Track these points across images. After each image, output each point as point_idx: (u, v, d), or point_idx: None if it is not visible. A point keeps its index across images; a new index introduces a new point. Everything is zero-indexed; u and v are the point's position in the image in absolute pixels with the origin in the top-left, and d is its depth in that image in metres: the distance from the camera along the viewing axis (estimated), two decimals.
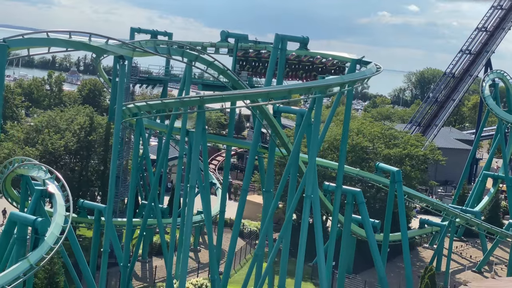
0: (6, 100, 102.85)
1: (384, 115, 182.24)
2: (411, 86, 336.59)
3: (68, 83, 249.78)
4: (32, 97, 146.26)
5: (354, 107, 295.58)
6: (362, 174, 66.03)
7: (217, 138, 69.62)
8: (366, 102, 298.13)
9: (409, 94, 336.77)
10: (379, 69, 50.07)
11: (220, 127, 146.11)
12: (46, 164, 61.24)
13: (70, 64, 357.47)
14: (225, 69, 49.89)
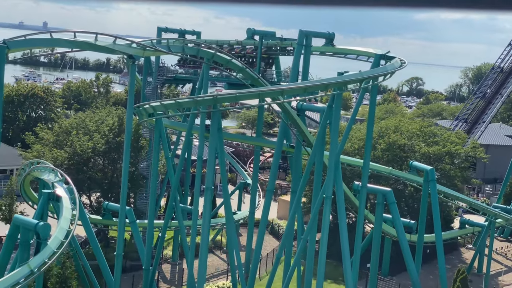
0: (47, 103, 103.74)
1: (435, 111, 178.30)
2: (468, 82, 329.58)
3: (121, 84, 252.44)
4: (80, 99, 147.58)
5: (408, 103, 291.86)
6: (395, 173, 63.99)
7: (242, 138, 68.34)
8: (421, 98, 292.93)
9: (466, 90, 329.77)
10: (403, 64, 48.14)
11: (266, 126, 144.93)
12: (75, 166, 61.39)
13: (123, 65, 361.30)
14: (243, 67, 48.64)
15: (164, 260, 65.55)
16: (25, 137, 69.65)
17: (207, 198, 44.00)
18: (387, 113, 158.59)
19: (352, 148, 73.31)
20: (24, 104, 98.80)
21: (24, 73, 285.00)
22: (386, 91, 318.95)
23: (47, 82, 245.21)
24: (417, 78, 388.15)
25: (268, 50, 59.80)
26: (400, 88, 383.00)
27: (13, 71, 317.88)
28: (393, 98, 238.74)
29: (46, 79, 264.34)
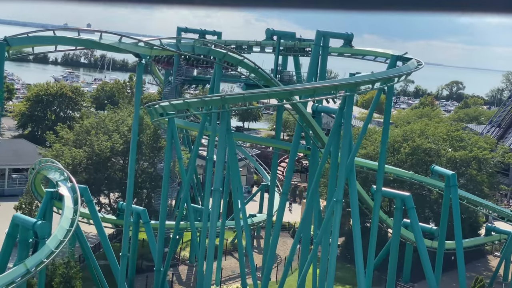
0: (75, 102, 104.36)
1: (471, 116, 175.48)
2: (510, 86, 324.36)
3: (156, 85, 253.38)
4: (113, 99, 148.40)
5: (446, 108, 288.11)
6: (416, 178, 62.67)
7: (257, 139, 67.47)
8: (460, 103, 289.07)
9: (507, 95, 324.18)
10: (420, 66, 46.96)
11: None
12: (93, 165, 61.26)
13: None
14: (256, 67, 47.90)
15: (181, 261, 65.13)
16: (45, 136, 69.93)
17: (215, 200, 43.40)
18: (422, 117, 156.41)
19: (375, 152, 71.94)
20: (53, 104, 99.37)
21: (63, 73, 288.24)
22: (423, 94, 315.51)
23: (84, 82, 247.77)
24: (457, 82, 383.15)
25: (287, 50, 58.94)
26: (440, 92, 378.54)
27: (53, 71, 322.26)
28: (430, 102, 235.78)
29: (84, 79, 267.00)
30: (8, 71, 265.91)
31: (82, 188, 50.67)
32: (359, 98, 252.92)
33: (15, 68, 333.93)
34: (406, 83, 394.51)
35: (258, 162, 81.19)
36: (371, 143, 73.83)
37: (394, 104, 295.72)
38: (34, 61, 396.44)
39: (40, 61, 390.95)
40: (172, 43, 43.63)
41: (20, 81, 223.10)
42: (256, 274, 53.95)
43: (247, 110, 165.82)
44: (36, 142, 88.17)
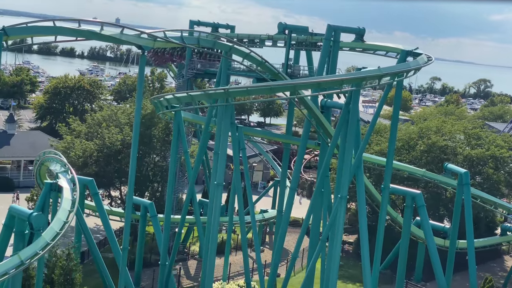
0: (93, 95, 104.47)
1: (496, 114, 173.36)
2: None
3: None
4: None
5: (473, 106, 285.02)
6: (429, 175, 61.64)
7: (265, 134, 66.69)
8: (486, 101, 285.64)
9: None
10: (430, 61, 45.97)
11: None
12: (104, 158, 61.12)
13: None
14: (262, 61, 47.25)
15: (191, 256, 64.84)
16: (58, 128, 70.02)
17: (217, 195, 42.88)
18: (446, 115, 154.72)
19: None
20: (71, 96, 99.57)
21: (89, 67, 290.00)
22: (449, 92, 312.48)
23: (108, 76, 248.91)
24: (485, 80, 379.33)
25: (298, 45, 58.16)
26: (467, 90, 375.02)
27: (79, 65, 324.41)
28: (456, 99, 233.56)
29: (108, 73, 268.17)
30: (34, 64, 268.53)
31: (88, 181, 50.67)
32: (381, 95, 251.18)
33: (41, 61, 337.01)
34: (433, 80, 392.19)
35: (273, 158, 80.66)
36: (386, 139, 72.73)
37: (420, 102, 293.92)
38: (61, 54, 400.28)
39: (67, 54, 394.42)
40: (177, 35, 43.05)
41: (45, 74, 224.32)
42: (262, 270, 53.44)
43: (269, 106, 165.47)
44: (54, 135, 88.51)
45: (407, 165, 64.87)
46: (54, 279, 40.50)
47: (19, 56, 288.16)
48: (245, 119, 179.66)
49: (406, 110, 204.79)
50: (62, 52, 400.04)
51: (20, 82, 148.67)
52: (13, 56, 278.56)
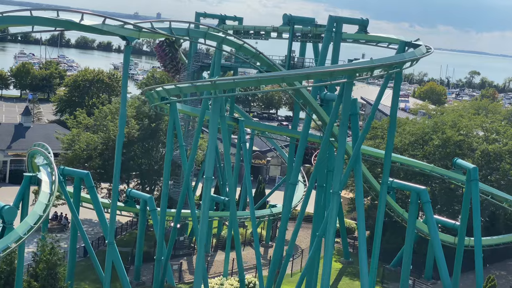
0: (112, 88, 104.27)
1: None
2: None
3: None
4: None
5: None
6: (437, 171, 60.04)
7: (266, 127, 65.36)
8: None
9: None
10: (429, 52, 44.48)
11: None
12: (108, 151, 60.64)
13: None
14: (257, 52, 46.17)
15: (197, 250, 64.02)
16: (66, 121, 69.84)
17: (207, 188, 41.99)
18: (479, 110, 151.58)
19: (402, 143, 69.26)
20: (90, 89, 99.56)
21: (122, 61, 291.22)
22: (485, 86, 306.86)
23: (142, 70, 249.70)
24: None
25: (303, 36, 56.94)
26: (507, 85, 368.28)
27: (116, 59, 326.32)
28: (492, 94, 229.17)
29: (142, 67, 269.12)
30: (69, 58, 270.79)
31: (83, 174, 50.17)
32: (417, 89, 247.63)
33: (77, 55, 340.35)
34: (472, 74, 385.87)
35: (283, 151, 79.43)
36: (398, 134, 71.08)
37: (457, 96, 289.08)
38: (98, 48, 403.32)
39: (104, 48, 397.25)
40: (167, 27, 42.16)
41: (78, 67, 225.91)
42: (261, 266, 52.51)
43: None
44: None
45: (415, 160, 63.21)
46: (38, 273, 39.94)
47: (55, 50, 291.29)
48: (274, 113, 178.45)
49: (439, 104, 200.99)
50: (99, 46, 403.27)
51: (49, 75, 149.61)
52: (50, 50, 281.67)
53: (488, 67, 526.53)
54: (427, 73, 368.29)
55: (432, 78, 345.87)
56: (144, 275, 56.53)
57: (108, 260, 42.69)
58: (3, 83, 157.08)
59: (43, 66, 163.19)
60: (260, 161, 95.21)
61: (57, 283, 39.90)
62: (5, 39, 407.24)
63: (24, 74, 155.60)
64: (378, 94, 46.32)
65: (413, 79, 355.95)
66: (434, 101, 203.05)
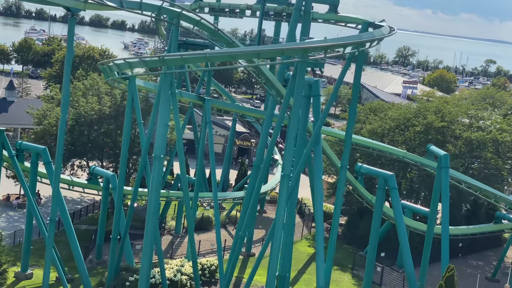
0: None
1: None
2: None
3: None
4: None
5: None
6: (409, 157, 58.73)
7: (233, 107, 63.97)
8: None
9: None
10: (391, 33, 43.03)
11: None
12: (79, 127, 59.71)
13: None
14: (215, 29, 44.84)
15: (167, 231, 63.26)
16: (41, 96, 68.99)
17: (155, 168, 40.88)
18: (485, 98, 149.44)
19: (381, 128, 67.76)
20: (80, 66, 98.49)
21: (133, 40, 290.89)
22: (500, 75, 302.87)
23: (151, 49, 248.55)
24: None
25: (276, 15, 55.58)
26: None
27: (130, 38, 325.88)
28: (503, 83, 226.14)
29: (151, 47, 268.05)
30: (79, 35, 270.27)
31: (40, 149, 49.29)
32: (426, 76, 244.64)
33: (91, 33, 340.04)
34: (488, 63, 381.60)
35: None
36: (380, 119, 69.59)
37: (469, 85, 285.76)
38: (112, 27, 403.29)
39: (118, 27, 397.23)
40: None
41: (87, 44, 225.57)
42: (221, 249, 51.54)
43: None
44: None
45: (387, 145, 61.85)
46: None
47: (65, 27, 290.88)
48: None
49: (448, 92, 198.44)
50: (113, 24, 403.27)
51: (50, 51, 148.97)
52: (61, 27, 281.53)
53: (502, 55, 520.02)
54: (442, 61, 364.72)
55: (447, 65, 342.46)
56: (107, 254, 55.78)
57: (50, 238, 41.80)
58: (5, 58, 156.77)
59: (46, 42, 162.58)
60: (247, 143, 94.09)
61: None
62: (20, 15, 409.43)
63: (26, 50, 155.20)
64: (339, 75, 44.83)
65: (428, 66, 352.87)
66: (443, 89, 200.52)
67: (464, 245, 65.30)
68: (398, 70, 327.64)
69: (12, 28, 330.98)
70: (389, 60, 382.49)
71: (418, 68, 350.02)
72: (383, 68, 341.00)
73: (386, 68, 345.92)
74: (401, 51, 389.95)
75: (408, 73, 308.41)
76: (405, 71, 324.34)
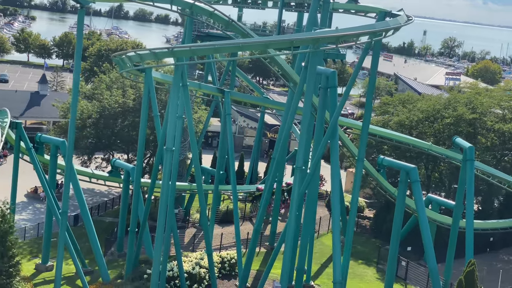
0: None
1: None
2: None
3: None
4: None
5: None
6: (434, 149, 57.34)
7: (251, 98, 63.29)
8: None
9: None
10: (408, 22, 41.93)
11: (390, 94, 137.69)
12: (104, 119, 59.95)
13: None
14: (229, 20, 44.32)
15: (192, 224, 63.10)
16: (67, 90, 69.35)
17: (167, 160, 40.68)
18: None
19: (409, 120, 66.39)
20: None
21: (175, 33, 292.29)
22: None
23: None
24: None
25: (298, 6, 54.82)
26: None
27: (172, 32, 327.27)
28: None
29: None
30: (122, 29, 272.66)
31: (59, 142, 49.54)
32: (470, 67, 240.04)
33: (134, 27, 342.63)
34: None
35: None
36: (408, 110, 68.21)
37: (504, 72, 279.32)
38: (156, 21, 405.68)
39: (161, 21, 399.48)
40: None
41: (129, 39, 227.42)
42: (240, 243, 51.21)
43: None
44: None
45: (410, 137, 60.57)
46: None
47: (110, 22, 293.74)
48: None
49: (493, 84, 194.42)
50: (157, 19, 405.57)
51: (90, 46, 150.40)
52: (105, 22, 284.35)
53: None
54: (489, 52, 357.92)
55: (494, 56, 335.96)
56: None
57: (62, 230, 41.92)
58: (46, 52, 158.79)
59: (86, 36, 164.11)
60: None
61: (7, 251, 39.32)
62: (65, 10, 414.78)
63: (66, 44, 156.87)
64: (356, 66, 43.92)
65: (474, 57, 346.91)
66: (487, 80, 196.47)
67: (496, 239, 63.73)
68: (443, 62, 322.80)
69: (58, 23, 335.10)
70: (434, 51, 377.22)
71: (464, 60, 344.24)
72: (428, 60, 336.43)
73: (430, 59, 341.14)
74: (447, 42, 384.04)
75: (453, 65, 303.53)
76: (450, 63, 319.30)
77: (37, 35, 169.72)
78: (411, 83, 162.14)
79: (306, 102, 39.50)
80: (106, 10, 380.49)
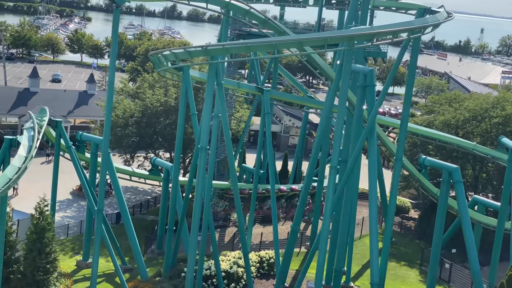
0: None
1: None
2: None
3: None
4: None
5: None
6: (479, 149, 55.94)
7: (291, 97, 62.62)
8: None
9: None
10: (449, 19, 41.02)
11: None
12: (147, 118, 60.33)
13: None
14: (265, 18, 43.98)
15: (233, 222, 62.97)
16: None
17: (201, 159, 40.61)
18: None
19: (455, 119, 64.94)
20: None
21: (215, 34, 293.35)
22: None
23: None
24: None
25: (339, 4, 54.18)
26: None
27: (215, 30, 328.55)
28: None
29: None
30: (174, 29, 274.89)
31: (99, 140, 49.96)
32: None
33: (187, 27, 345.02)
34: None
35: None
36: (454, 110, 66.76)
37: None
38: (209, 21, 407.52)
39: (214, 21, 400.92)
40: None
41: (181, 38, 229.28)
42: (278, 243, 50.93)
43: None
44: None
45: (454, 136, 59.21)
46: (30, 238, 39.90)
47: (164, 22, 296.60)
48: None
49: None
50: (209, 19, 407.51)
51: (139, 46, 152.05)
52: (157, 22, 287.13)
53: None
54: None
55: None
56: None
57: (98, 228, 42.22)
58: (98, 52, 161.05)
59: (137, 37, 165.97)
60: None
61: (45, 248, 39.78)
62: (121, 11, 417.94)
63: (118, 44, 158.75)
64: (394, 64, 43.16)
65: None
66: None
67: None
68: (500, 60, 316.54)
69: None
70: (491, 50, 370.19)
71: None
72: (485, 58, 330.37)
73: (487, 58, 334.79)
74: (505, 40, 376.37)
75: (511, 63, 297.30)
76: (508, 61, 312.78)
77: (90, 36, 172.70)
78: (463, 82, 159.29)
79: (341, 100, 38.95)
80: (160, 11, 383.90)
